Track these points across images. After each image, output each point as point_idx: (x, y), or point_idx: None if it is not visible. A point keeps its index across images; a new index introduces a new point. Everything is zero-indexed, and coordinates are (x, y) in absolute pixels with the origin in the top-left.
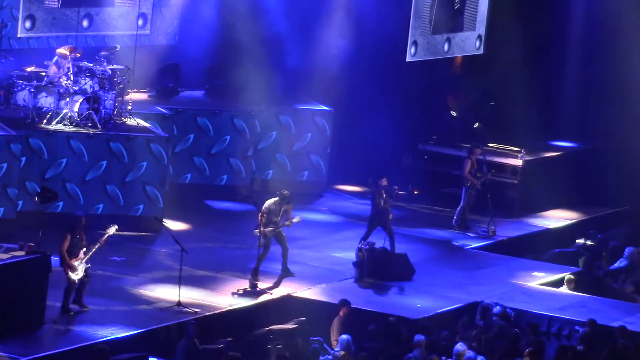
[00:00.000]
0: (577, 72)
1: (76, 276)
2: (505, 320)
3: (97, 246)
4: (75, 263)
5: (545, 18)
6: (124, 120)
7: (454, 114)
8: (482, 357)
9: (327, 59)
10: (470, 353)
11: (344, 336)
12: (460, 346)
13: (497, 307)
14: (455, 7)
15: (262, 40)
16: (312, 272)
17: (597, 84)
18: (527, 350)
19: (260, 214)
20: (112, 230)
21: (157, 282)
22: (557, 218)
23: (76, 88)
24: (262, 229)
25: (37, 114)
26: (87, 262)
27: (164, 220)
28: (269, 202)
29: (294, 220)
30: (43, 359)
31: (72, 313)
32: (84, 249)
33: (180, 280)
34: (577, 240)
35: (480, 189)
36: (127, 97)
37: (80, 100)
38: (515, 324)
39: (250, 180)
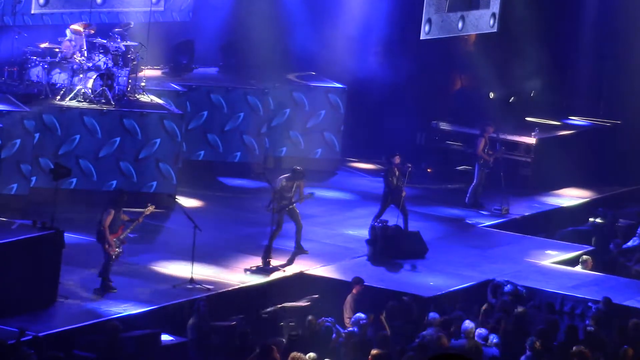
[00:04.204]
0: (592, 49)
1: (114, 252)
2: (516, 298)
3: (134, 224)
4: (114, 239)
5: None
6: (138, 96)
7: (463, 85)
8: (494, 335)
9: (341, 37)
10: (482, 330)
11: (361, 315)
12: (468, 323)
13: (508, 285)
14: None
15: (276, 17)
16: (325, 250)
17: (612, 61)
18: (538, 328)
19: (273, 191)
20: (149, 210)
21: (169, 259)
22: (571, 196)
23: (90, 64)
24: (274, 205)
25: (50, 90)
26: (125, 239)
27: (176, 197)
28: (281, 179)
29: (307, 196)
30: (55, 335)
31: (114, 290)
32: (123, 226)
33: (193, 257)
34: (590, 219)
35: (493, 166)
36: (141, 74)
37: (94, 77)
38: (528, 302)
39: (263, 157)
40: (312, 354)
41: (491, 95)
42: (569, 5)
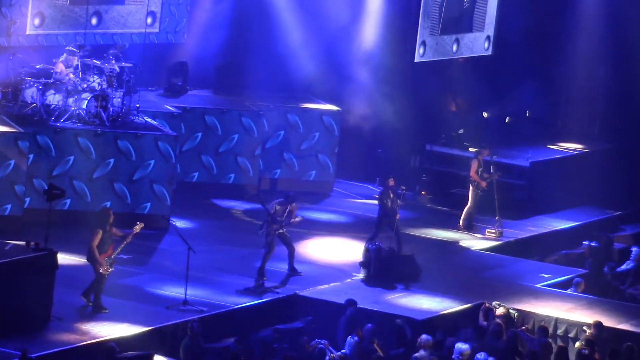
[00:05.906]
0: (586, 73)
1: (105, 272)
2: (508, 321)
3: (124, 243)
4: (105, 258)
5: (554, 18)
6: (132, 118)
7: (457, 109)
8: (492, 359)
9: (336, 58)
10: (480, 355)
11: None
12: (463, 345)
13: (500, 308)
14: (465, 7)
15: (270, 39)
16: (319, 272)
17: (606, 85)
18: (529, 351)
19: (266, 214)
20: (138, 228)
21: (163, 280)
22: (564, 219)
23: (84, 85)
24: (267, 228)
25: (45, 111)
26: (115, 258)
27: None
28: (274, 203)
29: (297, 219)
30: (49, 356)
31: (106, 310)
32: (113, 245)
33: (187, 279)
34: (583, 242)
35: (487, 189)
36: (135, 95)
37: (89, 98)
38: (520, 325)
39: (257, 179)
40: None
41: (485, 114)
42: (563, 29)
